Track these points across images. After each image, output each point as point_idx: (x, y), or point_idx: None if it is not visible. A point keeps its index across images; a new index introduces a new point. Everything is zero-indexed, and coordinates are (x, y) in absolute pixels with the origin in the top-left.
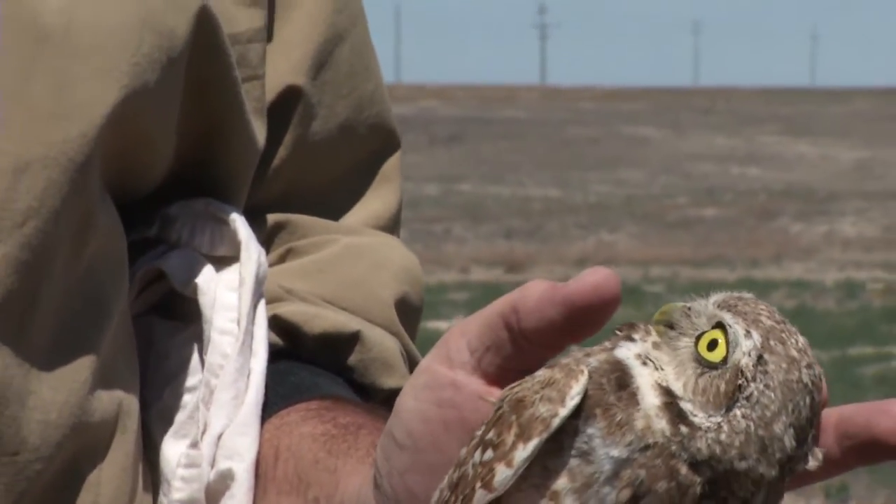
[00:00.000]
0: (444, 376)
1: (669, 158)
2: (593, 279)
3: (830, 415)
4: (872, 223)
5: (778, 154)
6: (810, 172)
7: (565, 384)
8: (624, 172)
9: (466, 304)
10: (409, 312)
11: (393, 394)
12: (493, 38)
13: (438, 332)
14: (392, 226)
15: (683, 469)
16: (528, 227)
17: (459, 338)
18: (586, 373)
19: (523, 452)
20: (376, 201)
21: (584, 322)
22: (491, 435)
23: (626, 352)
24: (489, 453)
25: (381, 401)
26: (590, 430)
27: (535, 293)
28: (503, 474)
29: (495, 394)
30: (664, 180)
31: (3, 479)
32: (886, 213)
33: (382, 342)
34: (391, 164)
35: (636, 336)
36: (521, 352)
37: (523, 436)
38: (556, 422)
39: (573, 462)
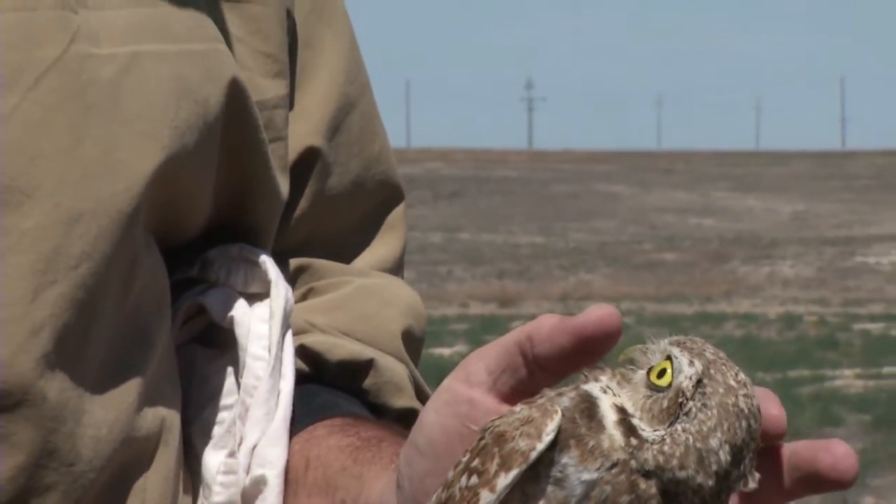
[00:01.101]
0: (462, 394)
1: (636, 211)
2: (598, 314)
3: (785, 449)
4: (808, 265)
5: (729, 207)
6: (756, 223)
7: (542, 422)
8: (598, 223)
9: (465, 333)
10: (414, 343)
11: (402, 413)
12: (488, 109)
13: (442, 357)
14: (397, 268)
15: (642, 483)
16: (518, 269)
17: (478, 361)
18: (559, 412)
19: (504, 480)
20: (383, 247)
21: (589, 351)
22: (476, 463)
23: (593, 385)
24: (474, 479)
25: (392, 419)
26: (564, 460)
27: (548, 325)
28: (486, 498)
29: (505, 410)
30: (632, 229)
31: (61, 486)
32: (820, 257)
33: (393, 368)
34: (396, 215)
35: (601, 376)
36: (532, 375)
37: (504, 466)
38: (533, 455)
39: (549, 488)
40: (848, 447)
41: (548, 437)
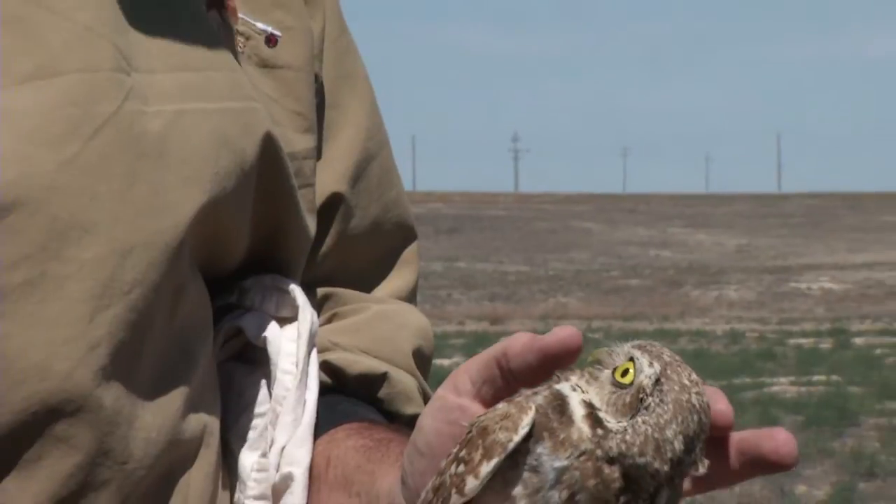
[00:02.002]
0: (452, 402)
1: (605, 244)
2: (561, 335)
3: (734, 437)
4: (750, 290)
5: (682, 241)
6: (705, 254)
7: (518, 417)
8: (573, 254)
9: (462, 347)
10: (423, 359)
11: (412, 419)
12: (480, 159)
13: (442, 367)
14: (410, 297)
15: (606, 468)
16: (506, 293)
17: (464, 374)
18: (534, 408)
19: (487, 468)
20: (399, 280)
21: (553, 365)
22: (463, 453)
23: (564, 385)
24: (462, 467)
25: (403, 423)
26: (539, 450)
27: (520, 343)
28: (471, 484)
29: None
30: (602, 260)
31: (114, 482)
32: (760, 283)
33: (404, 381)
34: (410, 251)
35: (571, 376)
36: (508, 385)
37: (487, 455)
38: (511, 445)
39: (526, 474)
40: (789, 434)
41: (523, 430)
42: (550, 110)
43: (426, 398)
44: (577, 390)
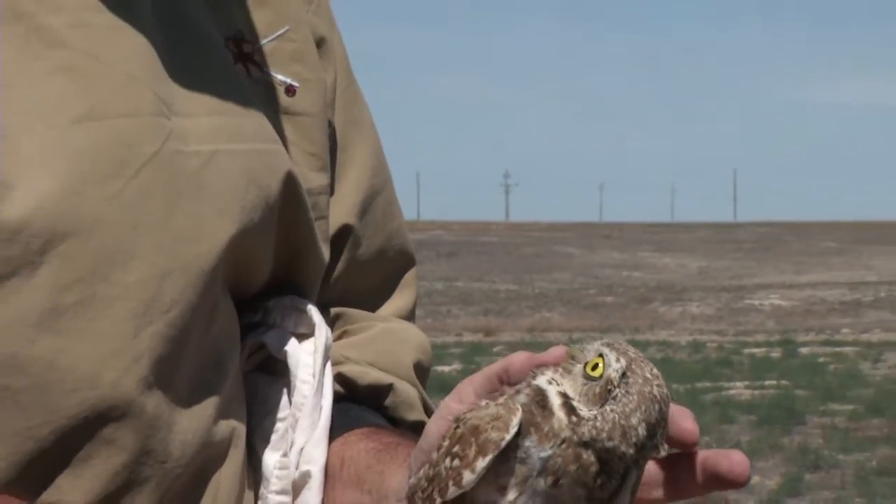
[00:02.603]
0: (456, 410)
1: (585, 266)
2: (555, 354)
3: (700, 455)
4: (710, 306)
5: (651, 263)
6: (671, 275)
7: (508, 418)
8: (557, 275)
9: (459, 356)
10: (422, 371)
11: (413, 424)
12: (476, 192)
13: (443, 373)
14: (410, 315)
15: (584, 454)
16: (497, 308)
17: (468, 386)
18: (520, 409)
19: (482, 463)
20: (401, 300)
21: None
22: (456, 449)
23: (542, 379)
24: (456, 462)
25: (407, 428)
26: (526, 443)
27: (519, 360)
28: (468, 477)
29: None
30: (581, 280)
31: (154, 479)
32: (718, 300)
33: (407, 391)
34: (410, 275)
35: (547, 371)
36: None
37: (481, 452)
38: (503, 443)
39: (516, 466)
40: (743, 456)
41: (513, 429)
42: (537, 150)
43: (425, 406)
44: (553, 383)
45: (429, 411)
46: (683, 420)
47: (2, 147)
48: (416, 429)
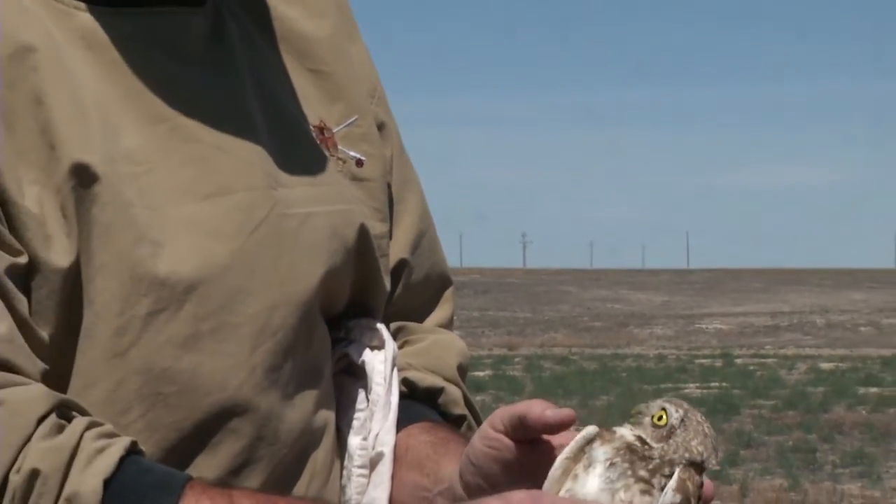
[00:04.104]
0: (491, 434)
1: (580, 300)
2: (562, 414)
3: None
4: (670, 329)
5: (627, 298)
6: (642, 307)
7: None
8: (559, 306)
9: (490, 364)
10: (463, 370)
11: (457, 417)
12: (503, 247)
13: (478, 378)
14: (449, 324)
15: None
16: (517, 331)
17: (499, 418)
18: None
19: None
20: (441, 312)
21: (549, 431)
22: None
23: (624, 430)
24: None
25: (452, 420)
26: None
27: (535, 412)
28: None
29: (511, 447)
30: (577, 310)
31: (267, 457)
32: (676, 325)
33: (453, 392)
34: (448, 293)
35: (622, 428)
36: (526, 432)
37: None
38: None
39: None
40: (708, 483)
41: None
42: (546, 220)
43: (466, 401)
44: (627, 428)
45: (469, 405)
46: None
47: (153, 217)
48: (459, 421)
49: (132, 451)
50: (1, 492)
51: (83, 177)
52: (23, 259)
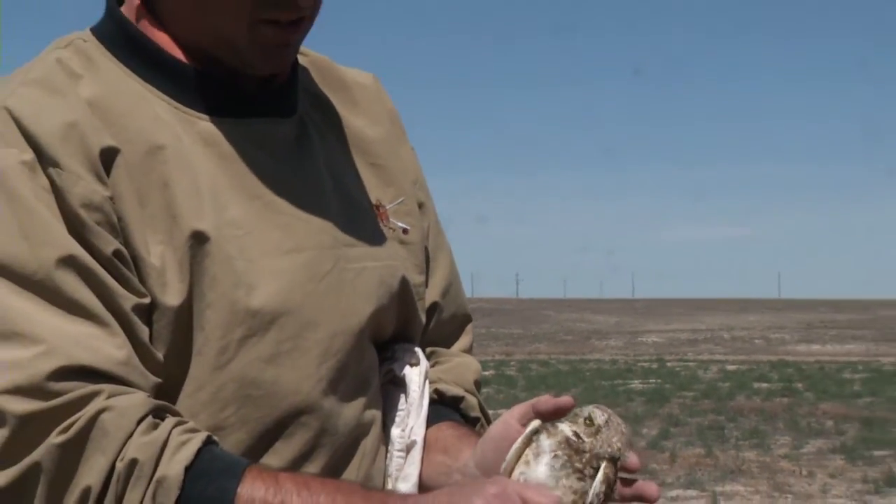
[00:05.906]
0: (509, 421)
1: (556, 321)
2: (565, 400)
3: (639, 481)
4: (620, 341)
5: (591, 319)
6: (601, 325)
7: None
8: (542, 325)
9: (493, 366)
10: (478, 385)
11: (474, 419)
12: (500, 284)
13: (483, 376)
14: (469, 350)
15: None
16: (512, 342)
17: (516, 409)
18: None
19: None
20: (464, 341)
21: (559, 414)
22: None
23: (564, 426)
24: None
25: (469, 422)
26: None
27: (544, 400)
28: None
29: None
30: (555, 328)
31: (328, 445)
32: (625, 338)
33: (471, 400)
34: (469, 327)
35: (561, 423)
36: (540, 417)
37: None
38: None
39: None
40: (656, 487)
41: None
42: (535, 262)
43: (481, 408)
44: (559, 428)
45: (483, 410)
46: (632, 455)
47: (248, 267)
48: (475, 422)
49: (208, 442)
50: (109, 476)
51: (198, 238)
52: (146, 300)
